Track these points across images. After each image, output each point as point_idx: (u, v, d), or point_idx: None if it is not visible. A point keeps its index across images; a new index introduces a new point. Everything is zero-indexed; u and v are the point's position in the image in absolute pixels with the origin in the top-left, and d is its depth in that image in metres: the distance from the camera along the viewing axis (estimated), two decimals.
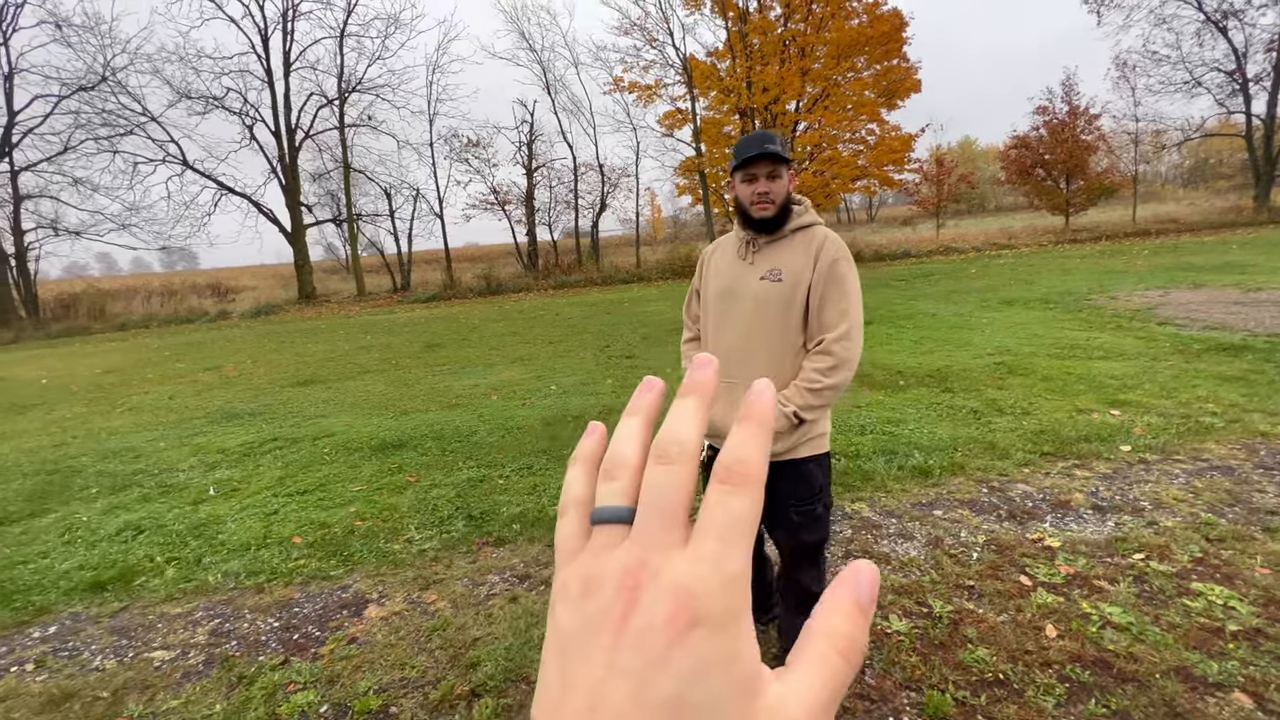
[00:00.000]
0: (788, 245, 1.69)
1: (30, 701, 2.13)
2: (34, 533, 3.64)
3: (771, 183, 1.65)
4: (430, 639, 2.29)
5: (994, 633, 2.06)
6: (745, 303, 1.71)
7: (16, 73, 18.37)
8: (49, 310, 18.79)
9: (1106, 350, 5.82)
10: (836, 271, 1.63)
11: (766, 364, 1.68)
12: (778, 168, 1.65)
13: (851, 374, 1.61)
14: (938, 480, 3.33)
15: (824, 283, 1.63)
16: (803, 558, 1.79)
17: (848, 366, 1.60)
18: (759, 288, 1.68)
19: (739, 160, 1.67)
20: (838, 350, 1.60)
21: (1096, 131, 21.83)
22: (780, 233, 1.70)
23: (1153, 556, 2.43)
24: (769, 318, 1.67)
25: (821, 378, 1.59)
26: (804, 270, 1.64)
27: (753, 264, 1.72)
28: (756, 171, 1.66)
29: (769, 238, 1.71)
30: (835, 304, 1.62)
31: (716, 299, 1.79)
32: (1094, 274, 11.44)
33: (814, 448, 1.70)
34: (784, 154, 1.64)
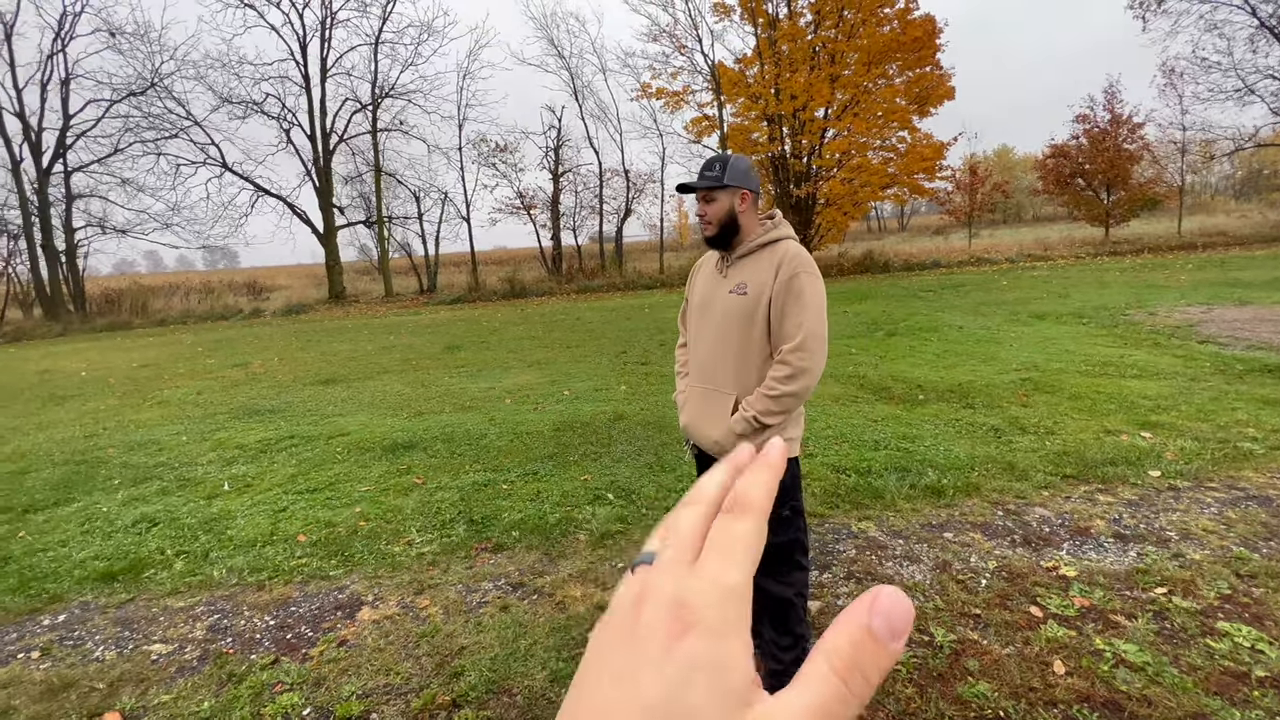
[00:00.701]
0: (754, 260, 1.80)
1: (31, 689, 2.18)
2: (56, 521, 3.76)
3: (707, 205, 1.79)
4: (418, 645, 2.28)
5: (997, 666, 1.96)
6: (716, 314, 1.83)
7: (73, 78, 19.29)
8: (94, 305, 19.61)
9: (1141, 369, 5.57)
10: (795, 285, 1.72)
11: (734, 372, 1.80)
12: (710, 193, 1.78)
13: (811, 383, 1.70)
14: (950, 501, 3.21)
15: (783, 296, 1.72)
16: (773, 560, 1.81)
17: (806, 375, 1.69)
18: (727, 301, 1.81)
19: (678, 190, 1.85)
20: (793, 360, 1.69)
21: (1140, 140, 21.09)
22: (747, 247, 1.80)
23: (1176, 591, 2.29)
24: (735, 329, 1.78)
25: (779, 385, 1.69)
26: (766, 283, 1.75)
27: (725, 277, 1.84)
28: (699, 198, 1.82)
29: (738, 252, 1.82)
30: (793, 317, 1.71)
31: (696, 310, 1.94)
32: (1133, 288, 11.01)
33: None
34: (715, 181, 1.76)
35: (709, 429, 1.81)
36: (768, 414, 1.69)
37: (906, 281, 15.44)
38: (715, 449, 1.80)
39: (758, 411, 1.70)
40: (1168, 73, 20.77)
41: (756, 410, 1.70)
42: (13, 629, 2.63)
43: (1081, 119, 21.45)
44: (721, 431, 1.77)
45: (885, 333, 8.21)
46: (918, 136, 18.44)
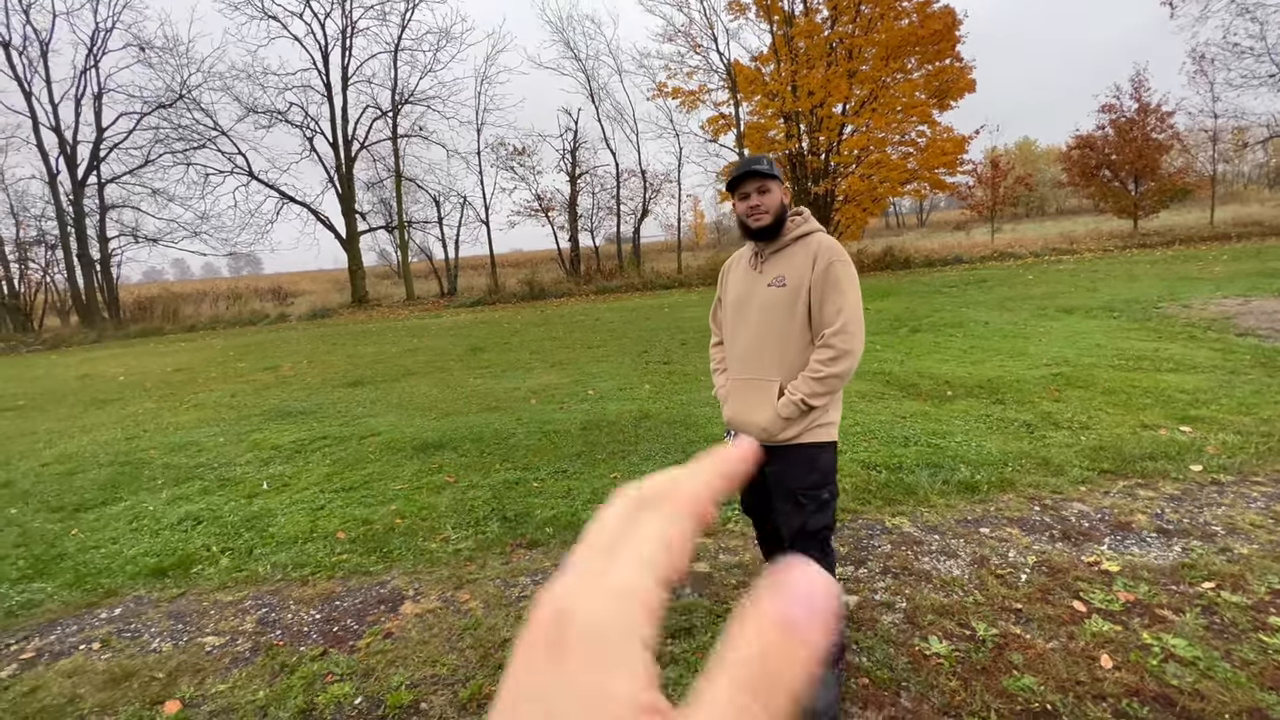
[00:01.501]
0: (789, 254, 1.87)
1: (94, 678, 2.28)
2: (105, 519, 3.90)
3: (762, 196, 1.85)
4: (462, 637, 2.33)
5: (1042, 660, 1.95)
6: (755, 308, 1.90)
7: (105, 93, 19.90)
8: (128, 312, 20.19)
9: (1177, 362, 5.45)
10: (832, 274, 1.80)
11: (777, 360, 1.86)
12: (766, 183, 1.84)
13: (853, 364, 1.78)
14: (985, 496, 3.18)
15: (822, 284, 1.80)
16: (810, 544, 1.87)
17: (848, 357, 1.77)
18: (766, 294, 1.88)
19: (730, 184, 1.88)
20: (836, 343, 1.77)
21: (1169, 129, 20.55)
22: (781, 242, 1.88)
23: (1225, 586, 2.25)
24: (776, 320, 1.86)
25: (823, 367, 1.77)
26: (804, 274, 1.82)
27: (761, 273, 1.91)
28: (748, 189, 1.86)
29: (773, 247, 1.90)
30: (832, 302, 1.79)
31: (733, 307, 2.00)
32: (1165, 280, 10.74)
33: (822, 434, 1.85)
34: (770, 172, 1.83)
35: (755, 416, 1.86)
36: (813, 395, 1.76)
37: (928, 278, 15.24)
38: (762, 435, 1.83)
39: (804, 394, 1.77)
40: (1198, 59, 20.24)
41: (803, 393, 1.77)
42: (73, 621, 2.73)
43: (1107, 109, 20.97)
44: (768, 417, 1.82)
45: (909, 329, 8.13)
46: (938, 130, 18.22)
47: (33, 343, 17.47)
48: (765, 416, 1.83)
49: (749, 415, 1.88)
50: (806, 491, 1.84)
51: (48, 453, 5.61)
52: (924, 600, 2.31)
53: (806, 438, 1.83)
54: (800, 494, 1.84)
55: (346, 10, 20.74)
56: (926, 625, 2.17)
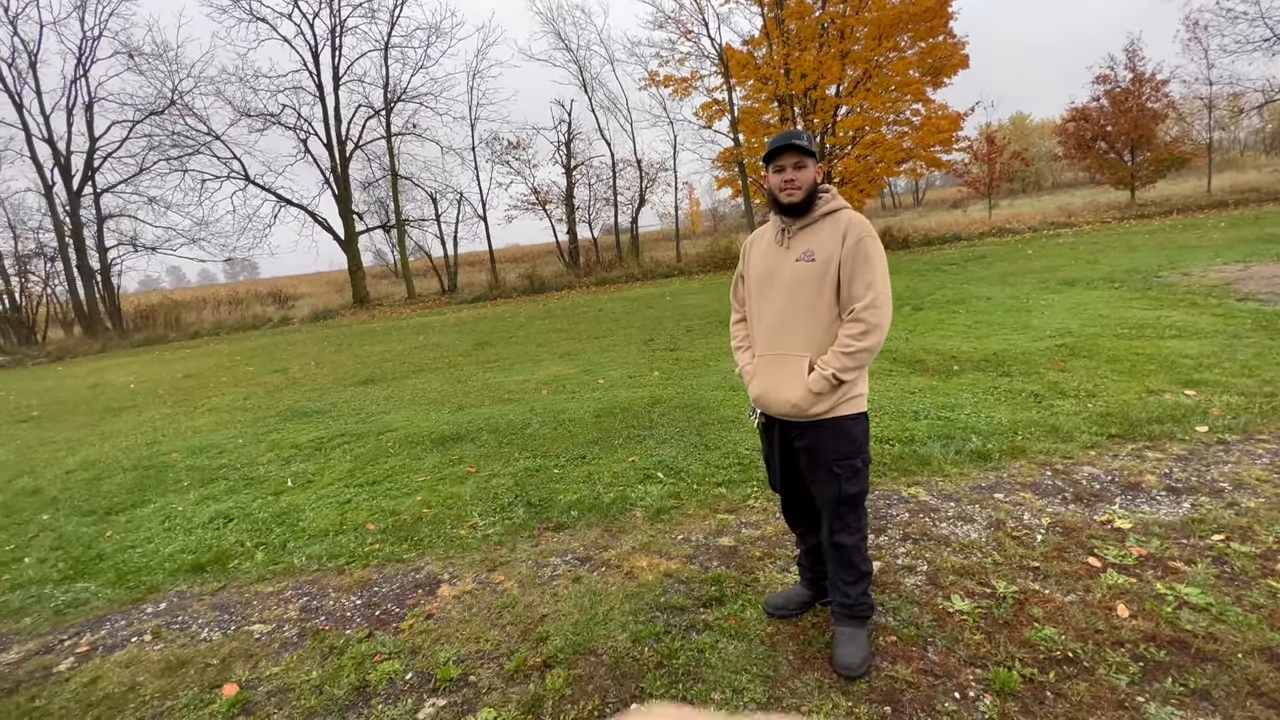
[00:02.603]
0: (817, 229, 1.89)
1: (151, 667, 2.37)
2: (137, 521, 3.99)
3: (798, 171, 1.86)
4: (501, 615, 2.42)
5: (1061, 612, 2.03)
6: (783, 283, 1.91)
7: (96, 101, 19.82)
8: (130, 321, 20.24)
9: (1180, 329, 5.52)
10: (862, 248, 1.82)
11: (806, 336, 1.88)
12: (803, 159, 1.85)
13: (882, 338, 1.80)
14: (997, 464, 3.26)
15: (851, 259, 1.82)
16: (847, 509, 1.93)
17: (877, 331, 1.79)
18: (795, 269, 1.88)
19: (769, 153, 1.89)
20: (867, 317, 1.79)
21: (1164, 99, 20.48)
22: (810, 218, 1.90)
23: (1234, 538, 2.33)
24: (805, 295, 1.87)
25: (854, 342, 1.79)
26: (833, 250, 1.84)
27: (788, 248, 1.92)
28: (784, 163, 1.87)
29: (801, 223, 1.91)
30: (862, 277, 1.81)
31: (758, 283, 2.00)
32: (1164, 250, 10.79)
33: (853, 406, 1.89)
34: (809, 148, 1.85)
35: (785, 392, 1.88)
36: (845, 370, 1.79)
37: (928, 256, 15.27)
38: (793, 411, 1.88)
39: (836, 369, 1.79)
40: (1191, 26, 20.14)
41: (835, 368, 1.79)
42: (120, 617, 2.83)
43: (1102, 79, 20.88)
44: (799, 393, 1.85)
45: (912, 307, 8.19)
46: (932, 108, 18.17)
47: (38, 355, 17.54)
48: (796, 393, 1.85)
49: (778, 392, 1.90)
50: (840, 461, 1.87)
51: (71, 460, 5.70)
52: (944, 563, 2.40)
53: (838, 411, 1.86)
54: (835, 464, 1.88)
55: (335, 9, 20.62)
56: (948, 585, 2.25)
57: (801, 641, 2.05)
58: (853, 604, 1.96)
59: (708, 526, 2.97)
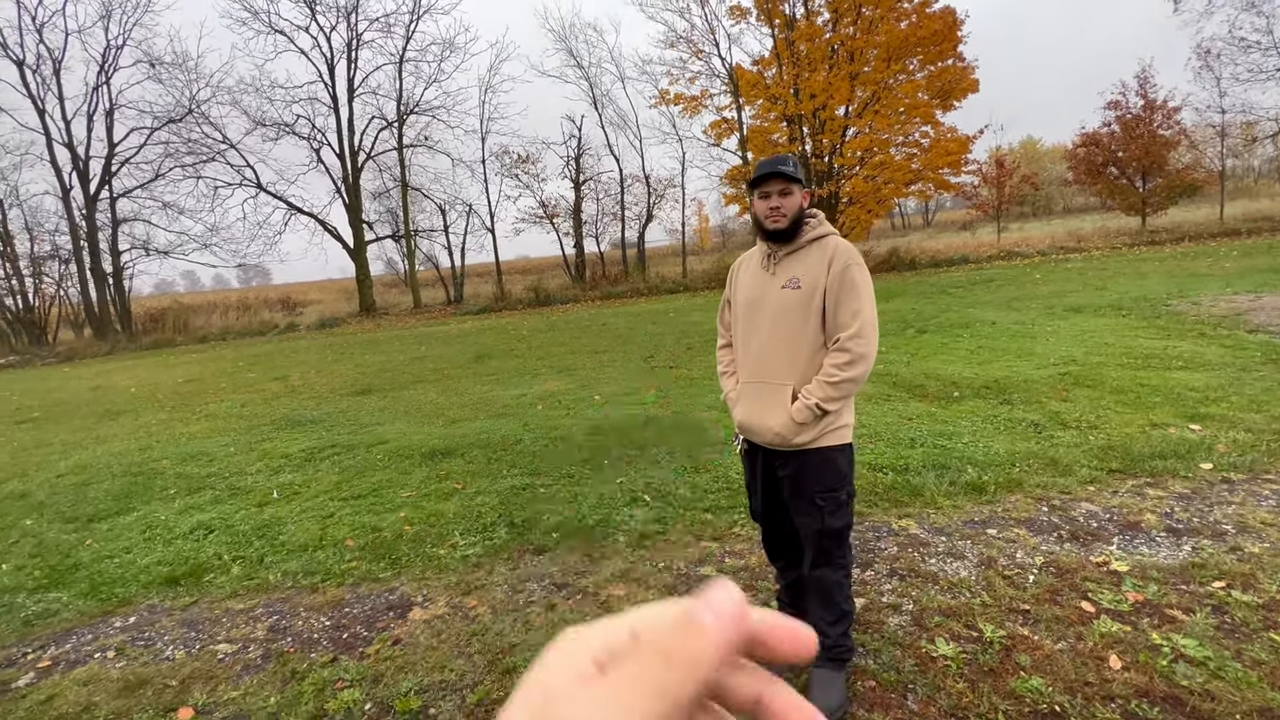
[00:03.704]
0: (804, 255, 1.86)
1: (109, 686, 2.31)
2: (119, 529, 3.95)
3: (783, 199, 1.83)
4: (470, 643, 2.34)
5: (1050, 661, 1.94)
6: (769, 310, 1.88)
7: (116, 108, 20.20)
8: (140, 324, 20.43)
9: (1187, 360, 5.41)
10: (848, 277, 1.79)
11: (790, 363, 1.85)
12: (789, 185, 1.82)
13: (868, 368, 1.77)
14: (993, 497, 3.16)
15: (837, 287, 1.79)
16: (830, 544, 1.87)
17: (863, 361, 1.76)
18: (780, 296, 1.86)
19: (753, 180, 1.86)
20: (852, 346, 1.76)
21: (1176, 125, 20.41)
22: (796, 244, 1.87)
23: (1235, 585, 2.23)
24: (790, 322, 1.84)
25: (838, 371, 1.76)
26: (819, 277, 1.81)
27: (774, 274, 1.90)
28: (769, 189, 1.83)
29: (787, 249, 1.88)
30: (848, 305, 1.78)
31: (744, 308, 1.97)
32: (1174, 278, 10.66)
33: (837, 438, 1.84)
34: (795, 175, 1.82)
35: (769, 420, 1.84)
36: (829, 400, 1.76)
37: (934, 278, 15.18)
38: (776, 440, 1.83)
39: (819, 399, 1.76)
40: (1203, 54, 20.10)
41: (818, 397, 1.76)
42: (88, 630, 2.77)
43: (1113, 105, 20.85)
44: (782, 422, 1.81)
45: (916, 330, 8.10)
46: (941, 131, 18.19)
47: (47, 355, 17.70)
48: (779, 421, 1.81)
49: (761, 420, 1.87)
50: (824, 494, 1.84)
51: (63, 464, 5.69)
52: (931, 602, 2.30)
53: (822, 442, 1.82)
54: (818, 496, 1.84)
55: (352, 23, 21.00)
56: (933, 627, 2.16)
57: None
58: (832, 645, 1.88)
59: (690, 555, 2.89)
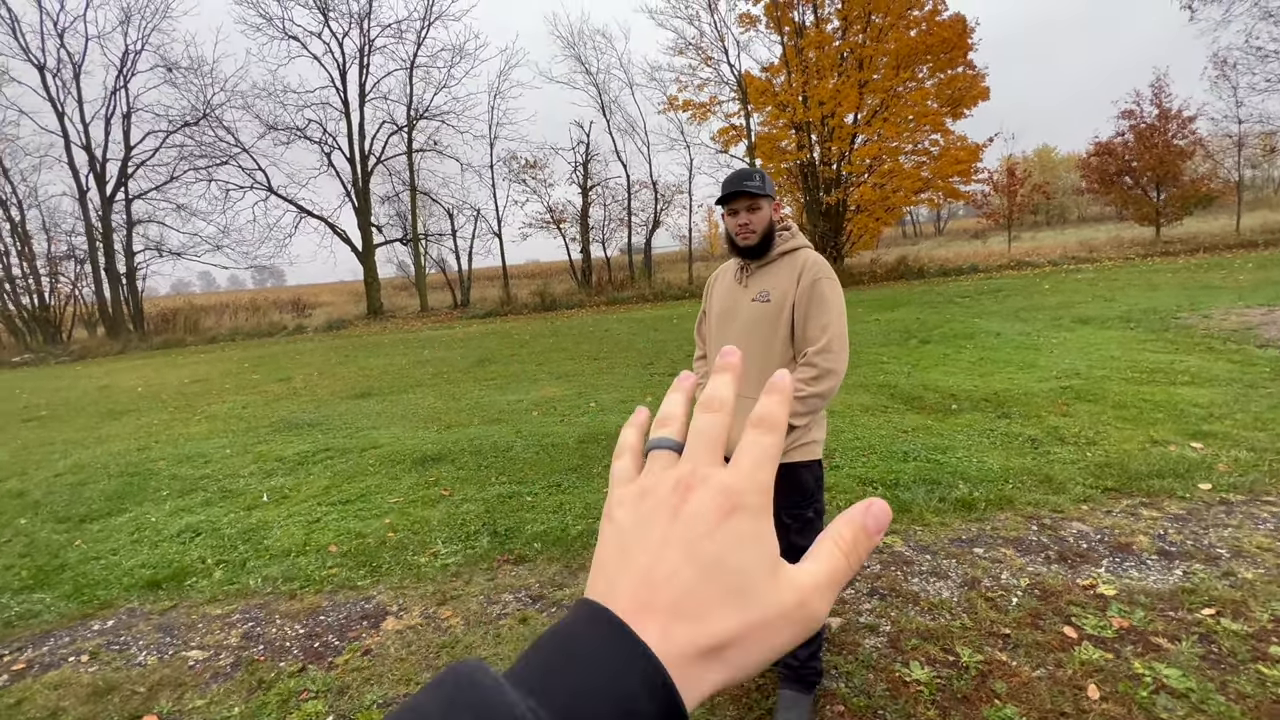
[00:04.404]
0: (775, 269, 1.86)
1: (79, 691, 2.30)
2: (109, 530, 3.97)
3: (751, 214, 1.82)
4: (439, 655, 2.32)
5: (1027, 689, 1.88)
6: (739, 322, 1.88)
7: (133, 112, 20.56)
8: (152, 324, 20.70)
9: (1193, 375, 5.29)
10: (817, 290, 1.77)
11: (759, 377, 1.83)
12: (755, 201, 1.82)
13: (836, 383, 1.74)
14: (982, 515, 3.10)
15: (806, 301, 1.78)
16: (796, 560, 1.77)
17: (831, 377, 1.73)
18: (750, 309, 1.86)
19: (720, 198, 1.85)
20: (819, 361, 1.73)
21: (1192, 135, 20.15)
22: (768, 257, 1.86)
23: (1225, 613, 2.15)
24: (759, 335, 1.83)
25: (805, 386, 1.73)
26: (788, 290, 1.80)
27: (746, 287, 1.89)
28: (737, 206, 1.83)
29: (759, 263, 1.87)
30: (816, 320, 1.77)
31: (717, 320, 1.97)
32: (1186, 290, 10.48)
33: (805, 454, 1.82)
34: (760, 190, 1.81)
35: (734, 434, 1.79)
36: (795, 415, 1.73)
37: (942, 287, 15.04)
38: None
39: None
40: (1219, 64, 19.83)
41: None
42: (65, 633, 2.78)
43: (1127, 115, 20.64)
44: None
45: (918, 340, 8.01)
46: (951, 139, 18.07)
47: (61, 354, 17.97)
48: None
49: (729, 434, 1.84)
50: (790, 511, 1.82)
51: (62, 463, 5.75)
52: (909, 623, 2.25)
53: (789, 457, 1.80)
54: (784, 513, 1.82)
55: (364, 29, 21.25)
56: (909, 650, 2.10)
57: (743, 705, 1.91)
58: (799, 667, 1.84)
59: None
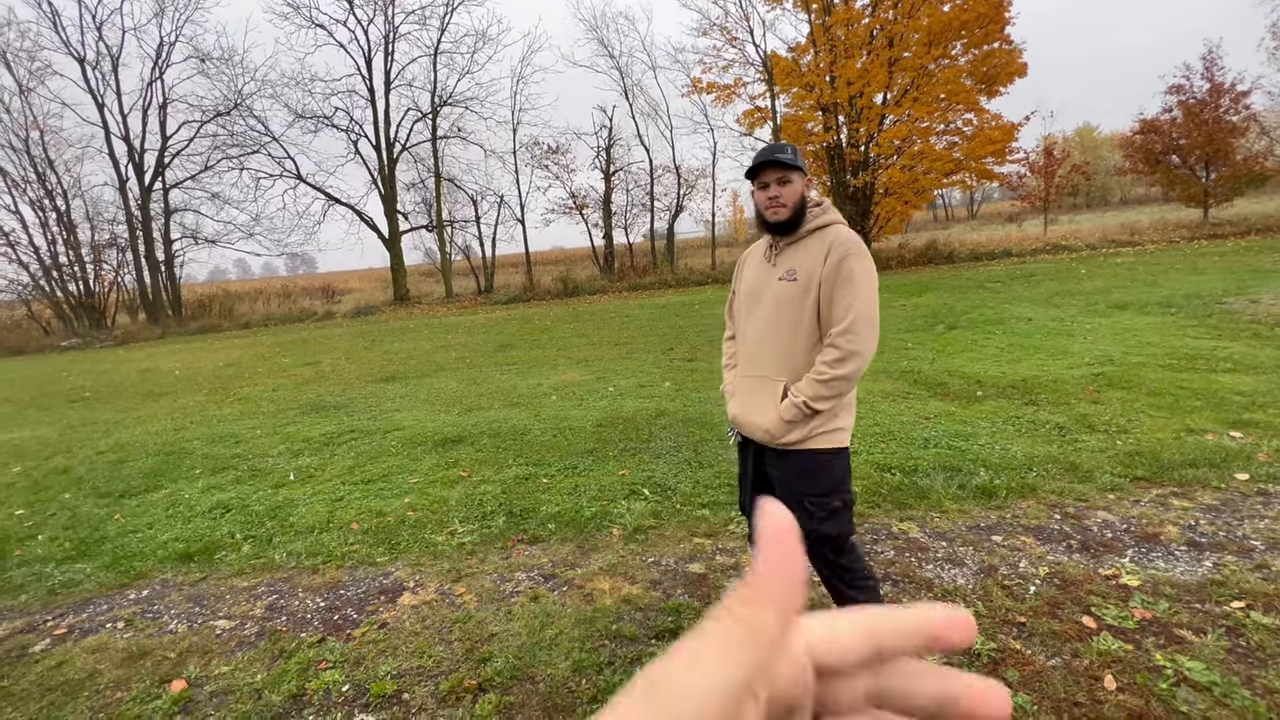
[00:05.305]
0: (804, 246, 1.78)
1: (114, 655, 2.42)
2: (146, 505, 4.14)
3: (781, 188, 1.76)
4: (452, 630, 2.37)
5: (1040, 678, 1.84)
6: (766, 302, 1.82)
7: (169, 103, 21.10)
8: (189, 310, 21.40)
9: (1236, 362, 5.06)
10: (844, 268, 1.69)
11: (783, 358, 1.78)
12: (787, 174, 1.75)
13: (862, 365, 1.66)
14: (1003, 502, 3.03)
15: (833, 279, 1.70)
16: (823, 548, 1.78)
17: (856, 359, 1.66)
18: (777, 288, 1.80)
19: (750, 170, 1.78)
20: (842, 343, 1.67)
21: (1245, 110, 19.07)
22: (798, 234, 1.80)
23: (1256, 606, 2.07)
24: (785, 315, 1.77)
25: (828, 369, 1.67)
26: (815, 268, 1.73)
27: (775, 265, 1.83)
28: (767, 179, 1.77)
29: (788, 240, 1.81)
30: (842, 299, 1.69)
31: (745, 299, 1.93)
32: (1233, 274, 10.00)
33: (830, 440, 1.74)
34: (792, 162, 1.74)
35: (758, 417, 1.78)
36: (818, 399, 1.68)
37: (972, 272, 14.63)
38: (765, 438, 1.76)
39: (808, 397, 1.68)
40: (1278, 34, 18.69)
41: (806, 395, 1.68)
42: (104, 601, 2.92)
43: (1175, 90, 19.61)
44: (771, 419, 1.74)
45: (945, 326, 7.82)
46: (985, 118, 17.44)
47: (105, 339, 18.72)
48: (768, 418, 1.74)
49: (752, 415, 1.80)
50: (814, 499, 1.74)
51: (104, 442, 6.01)
52: None
53: (813, 443, 1.72)
54: (807, 500, 1.74)
55: (389, 15, 21.36)
56: None
57: None
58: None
59: (682, 550, 2.85)
